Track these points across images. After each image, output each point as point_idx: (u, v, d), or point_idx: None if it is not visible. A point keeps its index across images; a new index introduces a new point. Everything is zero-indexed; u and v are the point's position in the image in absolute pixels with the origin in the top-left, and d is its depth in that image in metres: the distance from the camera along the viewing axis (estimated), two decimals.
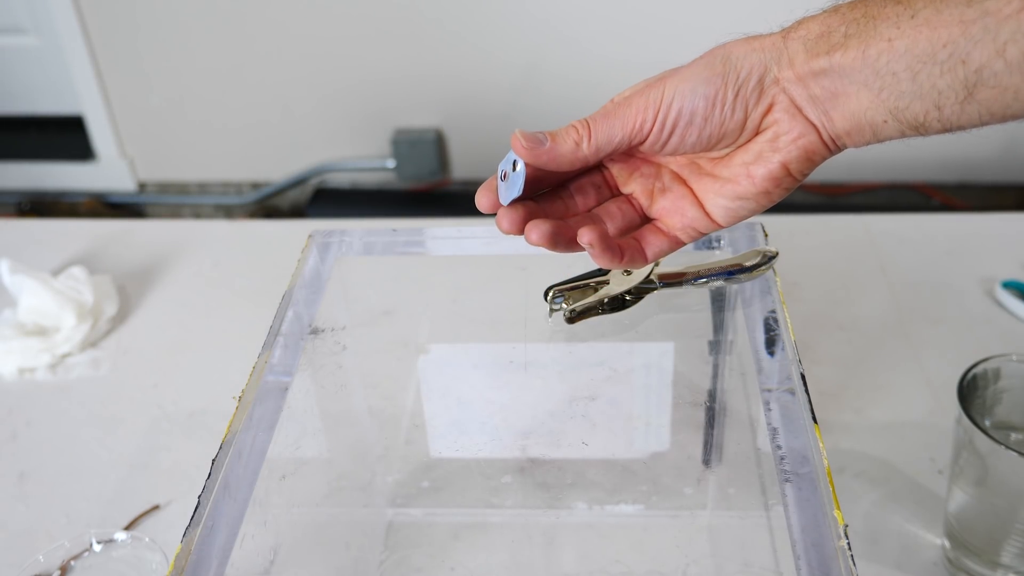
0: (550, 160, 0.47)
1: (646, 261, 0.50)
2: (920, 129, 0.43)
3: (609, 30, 2.10)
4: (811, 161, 0.46)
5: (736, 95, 0.45)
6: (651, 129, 0.46)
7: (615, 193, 0.52)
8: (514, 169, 0.48)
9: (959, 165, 2.18)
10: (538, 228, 0.47)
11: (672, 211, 0.50)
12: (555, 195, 0.51)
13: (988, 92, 0.39)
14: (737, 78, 0.45)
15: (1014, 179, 2.19)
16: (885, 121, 0.43)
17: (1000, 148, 2.15)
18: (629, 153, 0.50)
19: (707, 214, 0.49)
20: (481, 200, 0.49)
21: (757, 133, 0.46)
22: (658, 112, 0.46)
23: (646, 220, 0.51)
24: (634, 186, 0.51)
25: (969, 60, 0.39)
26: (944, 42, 0.39)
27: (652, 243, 0.50)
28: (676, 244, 0.51)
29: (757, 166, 0.47)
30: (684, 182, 0.50)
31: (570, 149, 0.47)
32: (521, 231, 0.48)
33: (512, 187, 0.48)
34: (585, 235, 0.47)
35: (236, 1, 2.17)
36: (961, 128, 0.42)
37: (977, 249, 0.97)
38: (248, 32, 2.21)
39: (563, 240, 0.48)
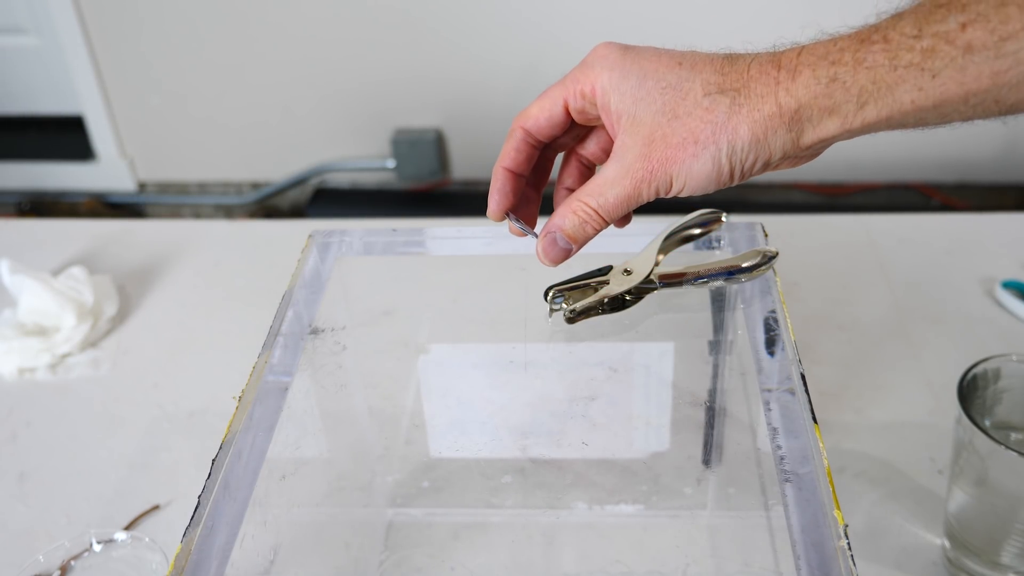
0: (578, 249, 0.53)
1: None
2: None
3: (608, 32, 2.10)
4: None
5: (741, 177, 0.47)
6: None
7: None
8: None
9: (959, 165, 2.18)
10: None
11: None
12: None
13: (1019, 111, 0.41)
14: (742, 170, 0.47)
15: (1014, 179, 2.19)
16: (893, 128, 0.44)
17: (1000, 148, 2.15)
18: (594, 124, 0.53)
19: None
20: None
21: None
22: (668, 192, 0.49)
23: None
24: (592, 147, 0.55)
25: (1003, 100, 0.39)
26: (975, 92, 0.39)
27: None
28: None
29: None
30: None
31: (591, 237, 0.51)
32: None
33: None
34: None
35: (236, 1, 2.17)
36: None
37: (977, 249, 0.97)
38: (248, 32, 2.21)
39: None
